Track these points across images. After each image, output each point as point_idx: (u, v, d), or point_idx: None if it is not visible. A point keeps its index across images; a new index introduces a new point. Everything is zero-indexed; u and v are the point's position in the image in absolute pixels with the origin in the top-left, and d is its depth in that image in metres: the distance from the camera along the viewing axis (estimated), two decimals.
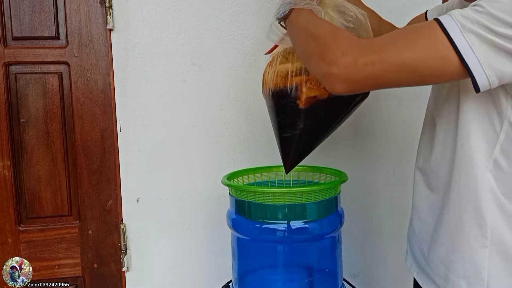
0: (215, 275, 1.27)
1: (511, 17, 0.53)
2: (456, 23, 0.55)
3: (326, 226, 0.95)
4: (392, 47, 0.58)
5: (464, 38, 0.55)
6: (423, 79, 0.59)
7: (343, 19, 0.81)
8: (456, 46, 0.55)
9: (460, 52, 0.55)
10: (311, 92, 0.80)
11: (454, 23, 0.55)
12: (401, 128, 1.31)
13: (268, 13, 1.20)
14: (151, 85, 1.18)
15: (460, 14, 0.56)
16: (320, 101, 0.80)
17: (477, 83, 0.56)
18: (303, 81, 0.80)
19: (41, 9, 1.12)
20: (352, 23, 0.81)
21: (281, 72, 0.84)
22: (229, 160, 1.24)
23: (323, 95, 0.80)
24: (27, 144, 1.16)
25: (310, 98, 0.80)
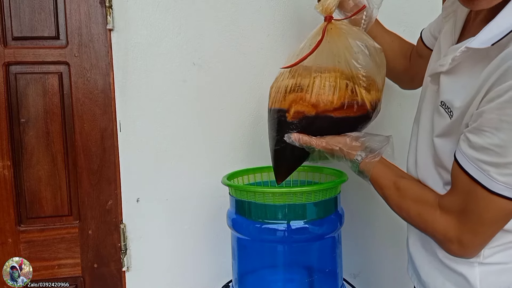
0: (215, 275, 1.27)
1: None
2: (486, 176, 0.58)
3: (326, 226, 0.95)
4: (474, 219, 0.62)
5: (510, 189, 0.57)
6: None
7: (358, 49, 0.81)
8: (509, 197, 0.58)
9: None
10: (299, 107, 0.80)
11: (485, 176, 0.58)
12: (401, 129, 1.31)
13: (268, 13, 1.21)
14: (151, 85, 1.18)
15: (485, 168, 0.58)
16: (308, 117, 0.81)
17: None
18: (293, 98, 0.81)
19: (41, 9, 1.12)
20: (366, 53, 0.82)
21: (279, 88, 0.85)
22: (229, 160, 1.24)
23: (311, 112, 0.80)
24: (27, 144, 1.16)
25: (298, 113, 0.81)
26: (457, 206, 0.63)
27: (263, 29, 1.21)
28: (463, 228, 0.63)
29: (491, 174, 0.57)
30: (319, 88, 0.79)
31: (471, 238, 0.63)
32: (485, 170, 0.57)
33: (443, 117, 0.67)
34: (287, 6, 1.21)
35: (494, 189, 0.57)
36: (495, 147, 0.56)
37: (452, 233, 0.64)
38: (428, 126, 0.74)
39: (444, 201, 0.66)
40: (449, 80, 0.67)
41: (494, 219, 0.61)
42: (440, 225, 0.65)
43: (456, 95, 0.63)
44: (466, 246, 0.64)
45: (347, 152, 0.80)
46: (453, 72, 0.66)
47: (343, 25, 0.84)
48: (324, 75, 0.80)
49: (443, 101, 0.67)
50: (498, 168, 0.56)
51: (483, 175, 0.58)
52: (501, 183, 0.57)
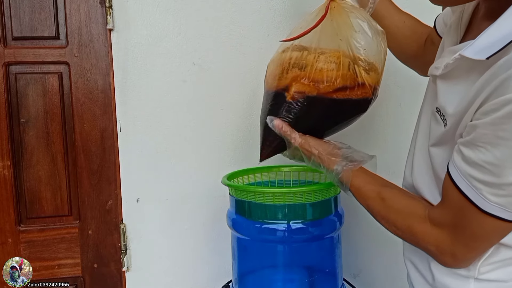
0: (215, 275, 1.27)
1: None
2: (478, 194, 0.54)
3: (326, 226, 0.95)
4: (467, 235, 0.59)
5: (503, 210, 0.54)
6: None
7: (360, 29, 0.77)
8: (501, 218, 0.54)
9: (507, 219, 0.55)
10: (300, 87, 0.76)
11: (477, 195, 0.54)
12: (401, 129, 1.31)
13: (268, 13, 1.21)
14: (151, 85, 1.18)
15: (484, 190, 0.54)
16: (309, 97, 0.76)
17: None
18: (295, 74, 0.77)
19: (41, 9, 1.12)
20: (368, 34, 0.78)
21: (280, 61, 0.81)
22: (229, 160, 1.24)
23: (312, 92, 0.76)
24: (27, 144, 1.16)
25: (298, 93, 0.77)
26: (449, 221, 0.60)
27: (263, 29, 1.21)
28: (456, 242, 0.60)
29: (483, 193, 0.53)
30: (323, 65, 0.76)
31: (464, 251, 0.60)
32: (477, 188, 0.54)
33: (438, 124, 0.64)
34: (287, 6, 1.21)
35: (486, 209, 0.54)
36: (489, 165, 0.51)
37: (445, 245, 0.61)
38: (425, 132, 0.70)
39: (435, 214, 0.63)
40: (444, 85, 0.63)
41: (487, 236, 0.58)
42: (432, 237, 0.62)
43: (449, 101, 0.60)
44: (459, 259, 0.61)
45: (326, 158, 0.75)
46: (447, 77, 0.62)
47: (347, 3, 0.81)
48: (328, 53, 0.77)
49: (438, 107, 0.64)
50: (491, 188, 0.52)
51: (475, 193, 0.54)
52: (493, 203, 0.53)
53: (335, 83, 0.75)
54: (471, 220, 0.56)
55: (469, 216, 0.56)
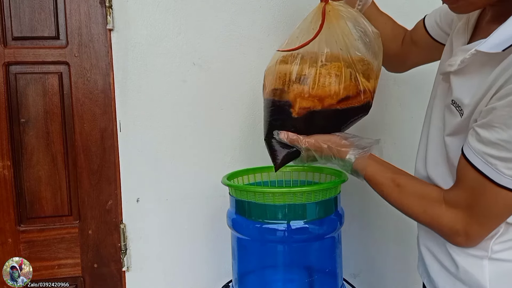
0: (215, 275, 1.27)
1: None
2: (494, 169, 0.59)
3: (326, 226, 0.95)
4: (482, 212, 0.63)
5: (506, 178, 0.59)
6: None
7: (357, 35, 0.80)
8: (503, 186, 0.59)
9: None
10: (305, 103, 0.78)
11: (492, 170, 0.59)
12: (401, 129, 1.31)
13: (268, 13, 1.21)
14: (151, 85, 1.18)
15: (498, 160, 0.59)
16: (314, 112, 0.79)
17: None
18: (298, 90, 0.78)
19: (41, 9, 1.12)
20: (366, 39, 0.81)
21: (280, 74, 0.82)
22: (229, 160, 1.24)
23: (317, 107, 0.78)
24: (27, 144, 1.16)
25: (304, 109, 0.79)
26: (463, 200, 0.64)
27: (263, 29, 1.21)
28: (470, 221, 0.64)
29: (499, 168, 0.58)
30: (325, 79, 0.77)
31: (478, 230, 0.65)
32: (492, 164, 0.59)
33: (454, 115, 0.68)
34: (287, 6, 1.21)
35: (501, 183, 0.59)
36: (504, 143, 0.57)
37: (459, 226, 0.65)
38: (439, 124, 0.75)
39: (450, 195, 0.67)
40: (458, 80, 0.68)
41: (502, 212, 0.62)
42: (447, 219, 0.66)
43: (465, 93, 0.65)
44: (472, 238, 0.65)
45: (337, 150, 0.78)
46: (462, 72, 0.67)
47: (341, 6, 0.83)
48: (330, 65, 0.78)
49: (454, 100, 0.68)
50: (506, 162, 0.58)
51: (491, 169, 0.59)
52: (508, 177, 0.58)
53: (338, 95, 0.78)
54: (486, 196, 0.61)
55: (484, 193, 0.61)
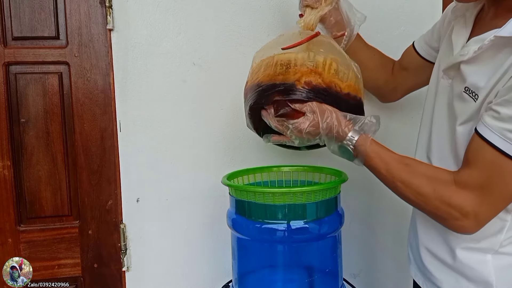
0: (215, 275, 1.27)
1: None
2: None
3: (326, 226, 0.95)
4: (496, 193, 0.63)
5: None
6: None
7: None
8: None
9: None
10: (311, 77, 0.78)
11: (511, 146, 0.59)
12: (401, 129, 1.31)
13: (268, 13, 1.21)
14: (151, 85, 1.18)
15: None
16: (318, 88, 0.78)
17: None
18: (306, 70, 0.78)
19: (41, 9, 1.12)
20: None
21: (282, 61, 0.82)
22: (229, 160, 1.24)
23: (321, 84, 0.77)
24: (27, 144, 1.16)
25: (307, 83, 0.77)
26: (477, 181, 0.63)
27: (263, 29, 1.21)
28: (482, 203, 0.63)
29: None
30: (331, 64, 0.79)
31: (487, 212, 0.64)
32: (509, 138, 0.59)
33: (467, 103, 0.68)
34: (287, 6, 1.21)
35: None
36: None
37: (470, 207, 0.64)
38: (445, 118, 0.75)
39: (463, 176, 0.66)
40: (471, 67, 0.69)
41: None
42: (458, 200, 0.65)
43: (480, 78, 0.66)
44: (480, 220, 0.65)
45: (338, 123, 0.73)
46: (474, 60, 0.68)
47: (329, 39, 0.88)
48: (334, 56, 0.81)
49: (467, 87, 0.68)
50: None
51: (510, 145, 0.59)
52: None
53: (346, 84, 0.79)
54: (503, 175, 0.60)
55: (501, 171, 0.60)
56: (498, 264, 0.68)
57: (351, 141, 0.73)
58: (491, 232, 0.69)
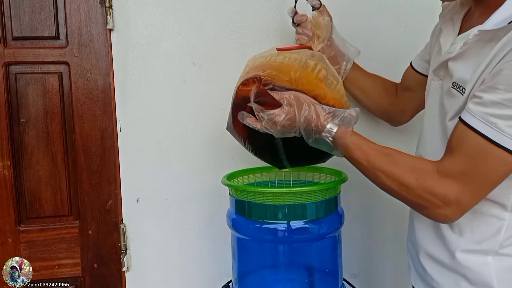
0: (215, 275, 1.27)
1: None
2: (494, 129, 0.59)
3: (326, 226, 0.95)
4: (478, 180, 0.63)
5: (506, 137, 0.59)
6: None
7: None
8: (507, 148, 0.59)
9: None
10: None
11: (492, 129, 0.59)
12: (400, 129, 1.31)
13: (268, 13, 1.21)
14: (151, 85, 1.18)
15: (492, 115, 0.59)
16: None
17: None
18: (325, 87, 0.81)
19: (41, 9, 1.12)
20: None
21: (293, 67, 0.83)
22: (229, 160, 1.24)
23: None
24: (27, 144, 1.16)
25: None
26: (459, 168, 0.63)
27: (263, 29, 1.21)
28: (464, 190, 0.63)
29: (499, 127, 0.58)
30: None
31: (469, 199, 0.63)
32: (493, 123, 0.59)
33: (455, 98, 0.69)
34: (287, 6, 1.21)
35: (502, 143, 0.58)
36: (507, 101, 0.57)
37: (452, 196, 0.63)
38: (437, 116, 0.75)
39: (445, 164, 0.65)
40: (458, 63, 0.70)
41: (497, 179, 0.62)
42: (440, 188, 0.64)
43: (467, 71, 0.66)
44: (462, 208, 0.64)
45: (316, 115, 0.72)
46: (460, 57, 0.69)
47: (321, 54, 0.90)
48: (325, 65, 0.82)
49: (455, 82, 0.69)
50: (507, 120, 0.58)
51: (491, 129, 0.59)
52: (509, 136, 0.58)
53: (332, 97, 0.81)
54: (486, 161, 0.60)
55: (483, 157, 0.60)
56: (499, 266, 0.68)
57: (330, 133, 0.71)
58: (490, 233, 0.69)
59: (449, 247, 0.73)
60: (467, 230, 0.71)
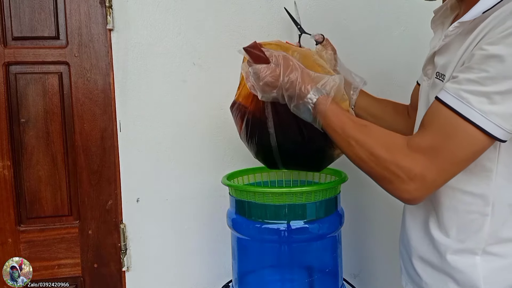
0: (215, 275, 1.27)
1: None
2: (465, 104, 0.60)
3: (326, 226, 0.95)
4: (445, 155, 0.62)
5: (486, 119, 0.59)
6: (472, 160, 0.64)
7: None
8: (483, 128, 0.59)
9: (487, 131, 0.59)
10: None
11: (463, 104, 0.60)
12: None
13: (268, 13, 1.21)
14: (151, 85, 1.18)
15: (467, 92, 0.60)
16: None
17: (501, 138, 0.60)
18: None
19: (41, 9, 1.12)
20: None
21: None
22: (229, 160, 1.24)
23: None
24: (27, 144, 1.16)
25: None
26: (428, 142, 0.63)
27: (263, 29, 1.21)
28: (431, 166, 0.62)
29: (470, 102, 0.59)
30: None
31: (435, 176, 0.63)
32: (464, 98, 0.59)
33: (438, 87, 0.69)
34: (287, 6, 1.21)
35: (471, 118, 0.59)
36: (481, 79, 0.58)
37: (418, 170, 0.63)
38: (424, 109, 0.75)
39: (415, 139, 0.66)
40: (441, 55, 0.72)
41: (465, 157, 0.62)
42: (407, 162, 0.64)
43: (448, 60, 0.68)
44: (426, 185, 0.64)
45: (307, 76, 0.72)
46: (444, 49, 0.71)
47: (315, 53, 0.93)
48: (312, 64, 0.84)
49: (438, 72, 0.71)
50: (478, 96, 0.58)
51: (462, 103, 0.59)
52: (478, 111, 0.58)
53: None
54: (455, 136, 0.61)
55: (453, 132, 0.61)
56: (487, 267, 0.68)
57: (312, 99, 0.72)
58: (473, 229, 0.69)
59: (438, 248, 0.73)
60: (453, 229, 0.71)
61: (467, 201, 0.69)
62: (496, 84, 0.57)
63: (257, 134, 0.86)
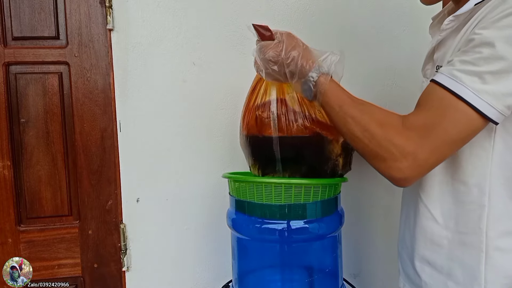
0: (215, 275, 1.27)
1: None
2: (458, 82, 0.61)
3: (326, 226, 0.95)
4: (438, 133, 0.63)
5: (478, 97, 0.60)
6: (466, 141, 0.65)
7: None
8: (474, 106, 0.60)
9: (479, 110, 0.60)
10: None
11: (456, 83, 0.61)
12: None
13: (268, 13, 1.21)
14: (151, 85, 1.18)
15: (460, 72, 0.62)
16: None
17: (494, 119, 0.61)
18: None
19: (41, 9, 1.12)
20: None
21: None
22: (229, 160, 1.24)
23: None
24: (27, 144, 1.16)
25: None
26: (421, 121, 0.64)
27: None
28: (423, 144, 0.63)
29: (463, 80, 0.60)
30: None
31: (427, 155, 0.63)
32: (457, 77, 0.61)
33: None
34: (287, 6, 1.21)
35: (464, 96, 0.60)
36: (474, 60, 0.60)
37: (410, 148, 0.63)
38: None
39: (409, 117, 0.66)
40: (439, 50, 0.75)
41: (457, 134, 0.62)
42: (400, 140, 0.64)
43: (445, 52, 0.71)
44: (419, 163, 0.64)
45: (309, 53, 0.74)
46: (441, 45, 0.74)
47: None
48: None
49: (438, 65, 0.73)
50: (471, 75, 0.60)
51: (455, 82, 0.61)
52: (470, 89, 0.59)
53: None
54: (448, 114, 0.61)
55: (446, 110, 0.62)
56: (488, 266, 0.68)
57: (313, 77, 0.73)
58: (471, 220, 0.69)
59: (437, 243, 0.73)
60: (451, 221, 0.71)
61: (463, 190, 0.70)
62: (488, 64, 0.59)
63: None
